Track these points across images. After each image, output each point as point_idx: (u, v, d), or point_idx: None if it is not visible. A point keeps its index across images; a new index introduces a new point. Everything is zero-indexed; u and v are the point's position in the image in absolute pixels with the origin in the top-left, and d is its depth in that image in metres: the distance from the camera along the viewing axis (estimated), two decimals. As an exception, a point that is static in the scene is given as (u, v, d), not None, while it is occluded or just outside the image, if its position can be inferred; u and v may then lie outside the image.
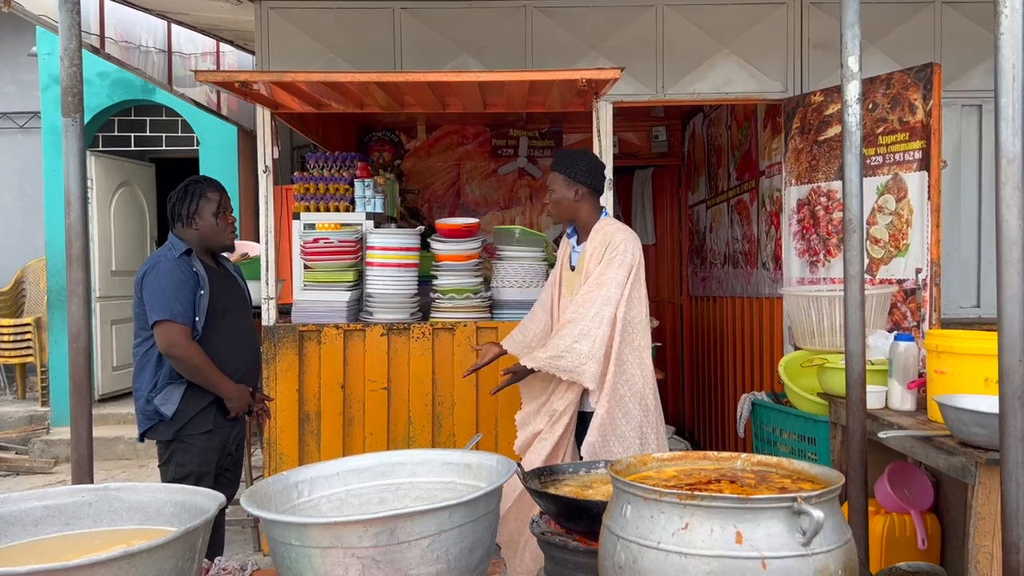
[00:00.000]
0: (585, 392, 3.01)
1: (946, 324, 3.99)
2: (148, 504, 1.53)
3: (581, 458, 2.96)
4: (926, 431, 2.56)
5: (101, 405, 7.09)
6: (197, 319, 2.94)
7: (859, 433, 2.30)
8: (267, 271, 4.16)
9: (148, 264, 2.98)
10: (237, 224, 6.79)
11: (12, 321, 7.80)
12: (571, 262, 3.19)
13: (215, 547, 3.03)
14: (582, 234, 3.19)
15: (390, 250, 4.13)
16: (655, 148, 7.12)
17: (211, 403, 2.97)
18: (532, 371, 3.00)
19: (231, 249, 3.22)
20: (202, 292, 2.95)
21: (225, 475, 3.15)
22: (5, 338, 7.73)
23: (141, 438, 3.04)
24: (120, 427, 6.67)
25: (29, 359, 7.77)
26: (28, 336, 7.69)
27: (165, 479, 2.97)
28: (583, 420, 3.05)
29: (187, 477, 2.89)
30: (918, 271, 3.89)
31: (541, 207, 7.02)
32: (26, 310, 8.36)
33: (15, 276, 8.46)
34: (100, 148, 7.69)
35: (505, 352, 3.28)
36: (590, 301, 2.94)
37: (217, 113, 6.80)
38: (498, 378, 4.08)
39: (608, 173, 4.33)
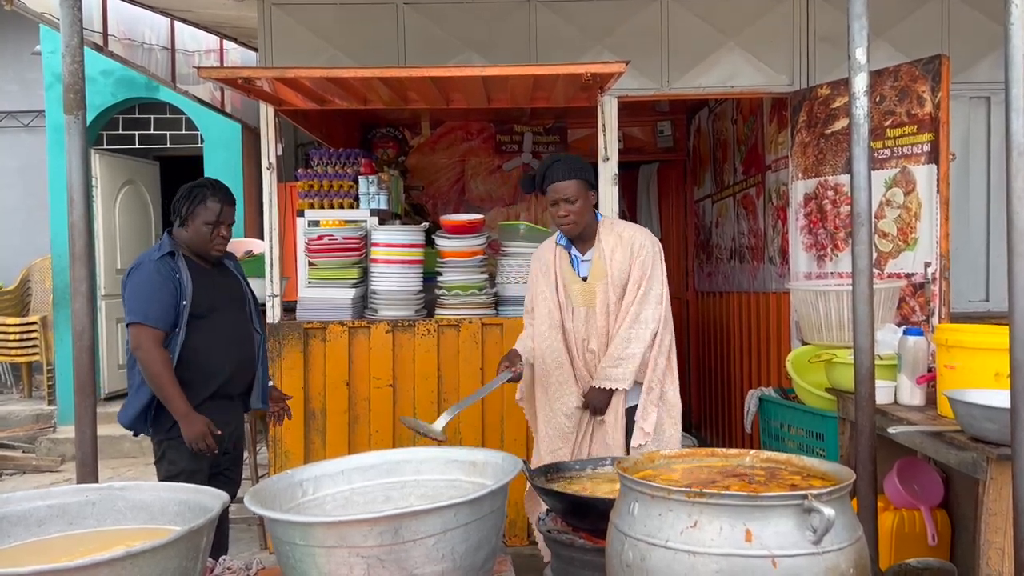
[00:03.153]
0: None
1: (955, 318, 3.96)
2: (152, 503, 1.52)
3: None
4: (936, 426, 2.54)
5: (107, 403, 7.10)
6: (177, 328, 2.89)
7: (868, 429, 2.28)
8: (271, 268, 4.15)
9: (133, 264, 2.96)
10: (241, 223, 6.87)
11: (18, 320, 7.81)
12: (579, 273, 3.01)
13: (219, 546, 3.01)
14: (584, 241, 3.02)
15: (394, 247, 4.11)
16: (660, 143, 7.09)
17: (199, 404, 2.94)
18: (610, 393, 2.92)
19: (216, 262, 3.09)
20: (184, 303, 2.88)
21: (225, 474, 3.14)
22: (11, 337, 7.74)
23: (135, 433, 3.04)
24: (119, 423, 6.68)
25: (35, 358, 7.77)
26: (34, 335, 7.70)
27: (159, 477, 2.98)
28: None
29: (179, 475, 2.88)
30: (927, 265, 3.86)
31: (546, 203, 7.00)
32: (32, 309, 8.37)
33: (21, 275, 8.47)
34: (104, 146, 7.69)
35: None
36: (638, 303, 2.89)
37: (221, 111, 6.78)
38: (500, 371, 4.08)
39: (613, 168, 4.33)
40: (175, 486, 1.55)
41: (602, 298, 2.94)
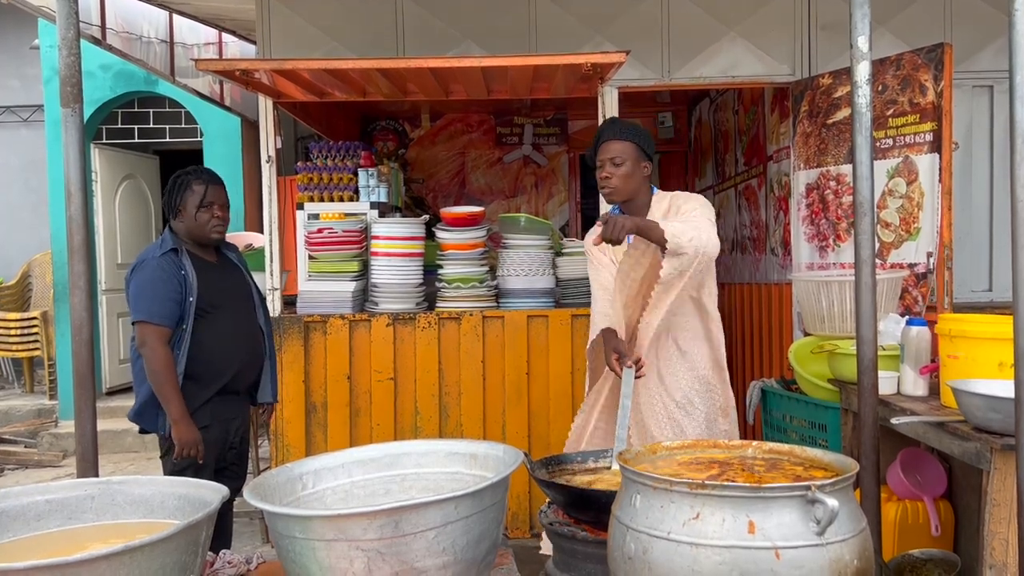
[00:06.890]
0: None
1: (958, 308, 3.95)
2: (151, 497, 1.51)
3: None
4: (939, 417, 2.53)
5: (109, 398, 7.11)
6: (183, 324, 2.87)
7: (871, 419, 2.27)
8: (271, 262, 4.14)
9: (136, 262, 2.93)
10: (241, 216, 6.86)
11: (19, 315, 7.81)
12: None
13: (223, 539, 3.02)
14: (636, 213, 2.72)
15: (395, 239, 4.10)
16: (661, 134, 7.07)
17: (208, 400, 2.94)
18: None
19: (217, 244, 3.06)
20: (191, 299, 2.86)
21: (231, 468, 3.14)
22: (12, 332, 7.74)
23: (141, 431, 3.04)
24: (128, 420, 6.69)
25: (36, 353, 7.78)
26: (35, 330, 7.70)
27: (166, 471, 2.97)
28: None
29: (186, 469, 2.87)
30: (929, 255, 3.84)
31: (547, 195, 6.99)
32: (33, 304, 8.38)
33: (21, 270, 8.47)
34: (104, 141, 7.68)
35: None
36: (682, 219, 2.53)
37: (220, 104, 6.77)
38: (505, 367, 4.08)
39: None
40: (174, 480, 1.54)
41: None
